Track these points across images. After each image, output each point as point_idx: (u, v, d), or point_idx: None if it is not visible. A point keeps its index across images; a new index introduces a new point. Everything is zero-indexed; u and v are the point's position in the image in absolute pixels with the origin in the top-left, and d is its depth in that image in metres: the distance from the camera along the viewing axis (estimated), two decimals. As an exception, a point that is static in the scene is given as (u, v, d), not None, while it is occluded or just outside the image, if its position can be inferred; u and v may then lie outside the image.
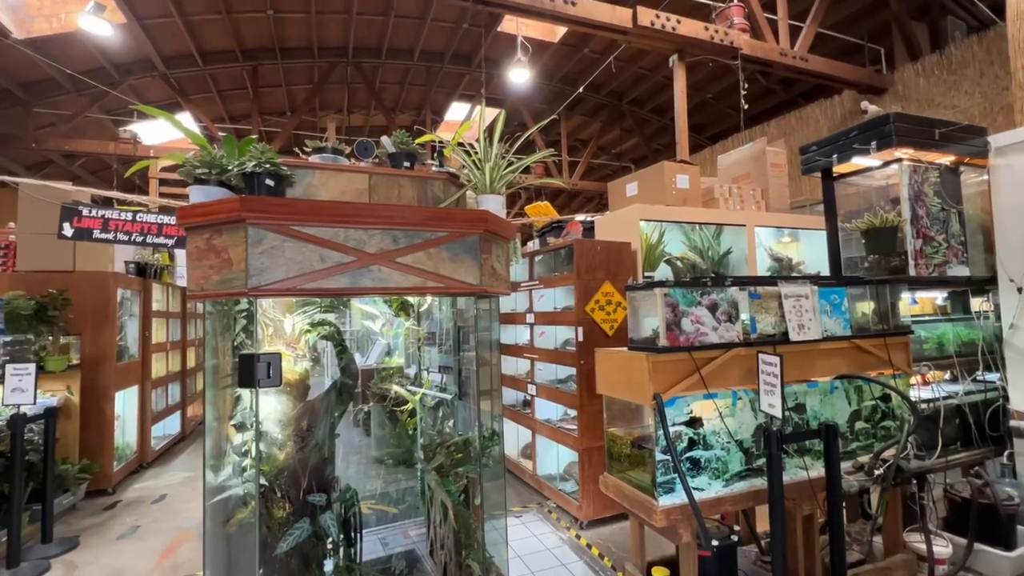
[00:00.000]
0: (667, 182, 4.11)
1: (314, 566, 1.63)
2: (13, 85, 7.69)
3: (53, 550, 3.55)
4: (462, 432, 2.00)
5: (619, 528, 3.61)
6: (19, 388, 3.31)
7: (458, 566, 1.63)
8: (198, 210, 1.34)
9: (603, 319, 3.76)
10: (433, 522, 2.28)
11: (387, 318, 1.86)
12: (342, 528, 1.65)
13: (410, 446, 2.37)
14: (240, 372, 1.33)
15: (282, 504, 1.63)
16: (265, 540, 1.56)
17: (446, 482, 1.72)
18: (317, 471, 1.65)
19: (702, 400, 2.47)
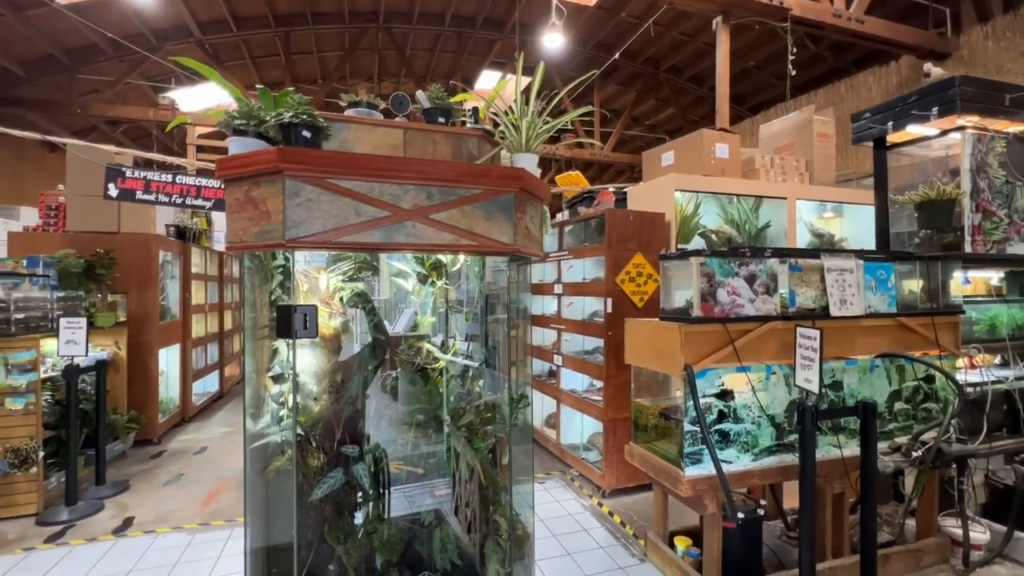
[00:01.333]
0: (706, 151, 3.95)
1: (347, 514, 1.69)
2: (58, 51, 7.90)
3: (106, 491, 3.80)
4: (480, 411, 2.00)
5: (641, 498, 3.63)
6: (72, 340, 3.49)
7: (485, 521, 1.66)
8: (237, 161, 1.35)
9: (633, 291, 3.70)
10: (459, 482, 2.33)
11: (417, 279, 1.86)
12: (373, 480, 1.70)
13: (440, 405, 2.41)
14: (278, 323, 1.35)
15: (317, 454, 1.68)
16: (300, 487, 1.62)
17: (475, 439, 1.74)
18: (350, 424, 1.69)
19: (734, 373, 2.42)
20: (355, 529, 1.65)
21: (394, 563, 1.64)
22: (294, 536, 1.43)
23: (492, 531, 1.63)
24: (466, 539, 1.96)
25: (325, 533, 1.67)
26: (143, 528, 3.29)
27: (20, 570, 2.78)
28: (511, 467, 1.62)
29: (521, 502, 1.85)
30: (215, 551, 2.96)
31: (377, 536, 1.62)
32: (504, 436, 1.86)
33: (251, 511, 1.67)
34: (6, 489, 3.38)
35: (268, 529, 1.74)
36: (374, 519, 1.65)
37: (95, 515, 3.48)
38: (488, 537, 1.61)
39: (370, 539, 1.65)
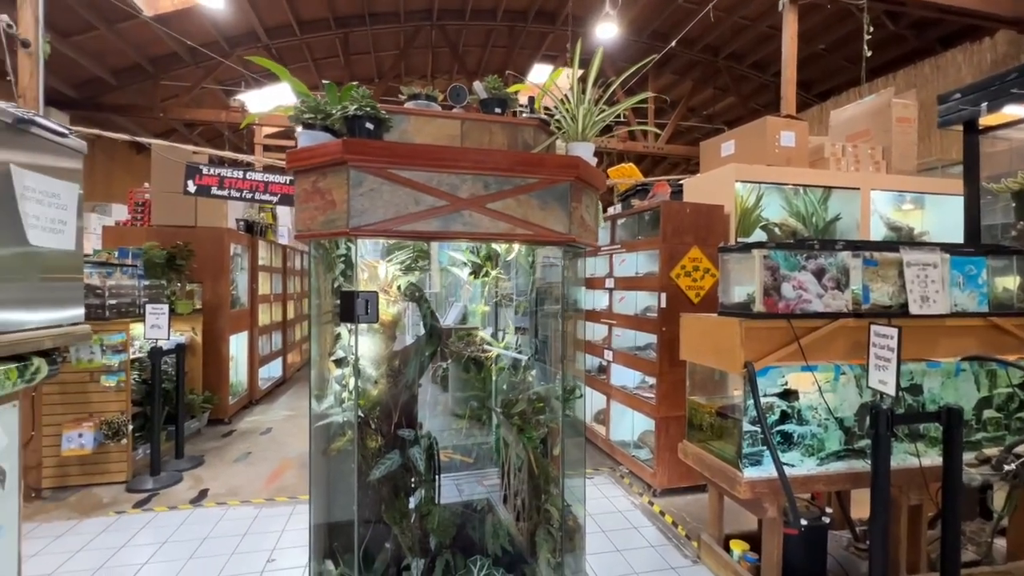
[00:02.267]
0: (770, 139, 3.75)
1: (402, 495, 1.75)
2: (144, 60, 8.59)
3: (184, 465, 4.13)
4: (532, 400, 2.00)
5: (694, 499, 3.53)
6: (156, 325, 3.81)
7: (536, 510, 1.67)
8: (304, 154, 1.41)
9: (689, 286, 3.58)
10: (508, 472, 2.36)
11: (472, 269, 1.88)
12: (427, 465, 1.74)
13: (489, 396, 2.45)
14: (341, 308, 1.42)
15: (375, 436, 1.74)
16: (359, 467, 1.69)
17: (527, 428, 1.75)
18: (406, 408, 1.75)
19: (799, 372, 2.29)
20: (410, 510, 1.70)
21: (447, 545, 1.68)
22: (355, 513, 1.50)
23: (543, 520, 1.63)
24: (515, 528, 1.98)
25: (382, 512, 1.73)
26: (216, 500, 3.54)
27: (113, 530, 3.07)
28: (563, 458, 1.62)
29: (571, 495, 1.84)
30: (279, 525, 3.15)
31: (431, 518, 1.66)
32: (556, 427, 1.86)
33: (315, 488, 1.76)
34: (101, 458, 3.74)
35: (329, 506, 1.82)
36: (428, 501, 1.70)
37: (175, 486, 3.78)
38: (539, 526, 1.62)
39: (424, 521, 1.70)
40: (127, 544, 2.91)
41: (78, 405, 3.71)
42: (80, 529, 3.10)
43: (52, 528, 3.11)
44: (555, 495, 1.66)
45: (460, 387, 2.44)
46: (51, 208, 1.59)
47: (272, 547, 2.89)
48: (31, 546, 2.88)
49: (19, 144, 1.47)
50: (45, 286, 1.58)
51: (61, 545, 2.90)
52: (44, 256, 1.56)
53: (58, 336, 1.62)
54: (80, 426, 3.62)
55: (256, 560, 2.75)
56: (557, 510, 1.60)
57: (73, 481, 3.71)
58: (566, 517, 1.63)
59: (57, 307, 1.64)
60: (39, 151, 1.55)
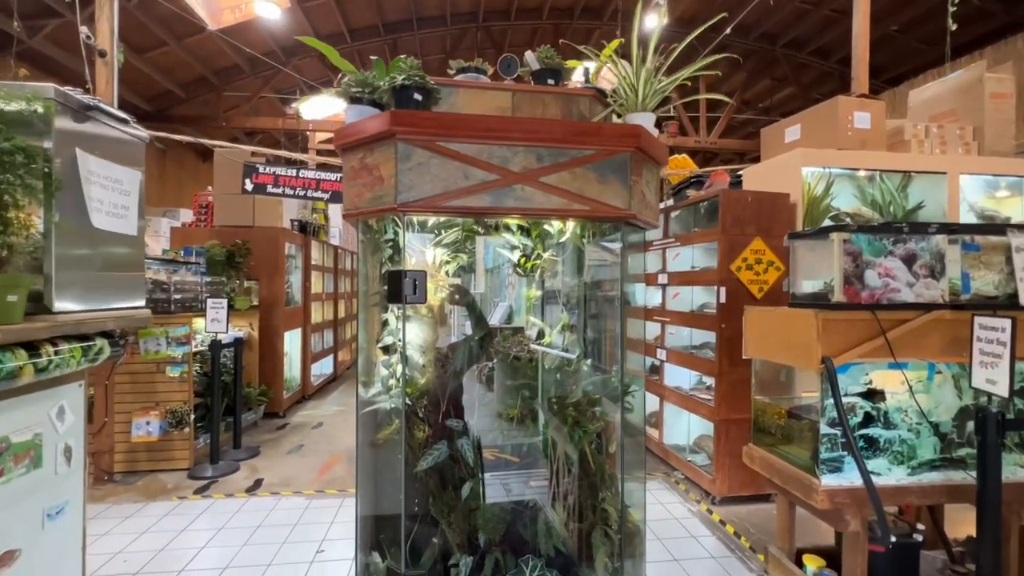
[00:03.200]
0: (841, 121, 3.46)
1: (450, 488, 1.67)
2: (208, 72, 9.12)
3: (241, 455, 4.27)
4: (587, 392, 1.89)
5: (757, 509, 3.28)
6: (216, 319, 3.96)
7: (592, 510, 1.56)
8: (351, 130, 1.37)
9: (751, 279, 3.34)
10: (556, 473, 2.25)
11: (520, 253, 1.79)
12: (476, 456, 1.66)
13: (534, 396, 2.35)
14: (388, 288, 1.36)
15: (422, 426, 1.68)
16: (406, 458, 1.63)
17: (583, 421, 1.63)
18: (454, 397, 1.68)
19: (885, 370, 2.06)
20: (458, 504, 1.63)
21: (496, 543, 1.59)
22: (401, 504, 1.43)
23: (600, 520, 1.51)
24: (564, 531, 1.87)
25: (429, 506, 1.66)
26: (270, 489, 3.62)
27: (176, 514, 3.19)
28: (621, 454, 1.49)
29: (629, 498, 1.71)
30: (328, 516, 3.17)
31: (480, 513, 1.58)
32: (612, 422, 1.74)
33: (362, 479, 1.71)
34: (166, 446, 3.92)
35: (376, 497, 1.78)
36: (476, 496, 1.62)
37: (232, 474, 3.91)
38: (595, 527, 1.50)
39: (472, 516, 1.62)
40: (187, 528, 3.01)
41: (146, 395, 3.90)
42: (146, 512, 3.24)
43: (122, 510, 3.27)
44: (613, 494, 1.54)
45: (505, 387, 2.35)
46: (114, 193, 1.63)
47: (321, 538, 2.91)
48: (102, 525, 3.03)
49: (84, 130, 1.51)
50: (108, 269, 1.61)
51: (129, 526, 3.03)
52: (107, 240, 1.60)
53: (119, 319, 1.66)
54: (148, 414, 3.80)
55: (306, 550, 2.77)
56: (615, 510, 1.48)
57: (142, 466, 3.91)
58: (624, 517, 1.51)
59: (119, 291, 1.68)
60: (103, 138, 1.59)
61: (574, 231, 1.61)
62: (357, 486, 1.63)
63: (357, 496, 1.63)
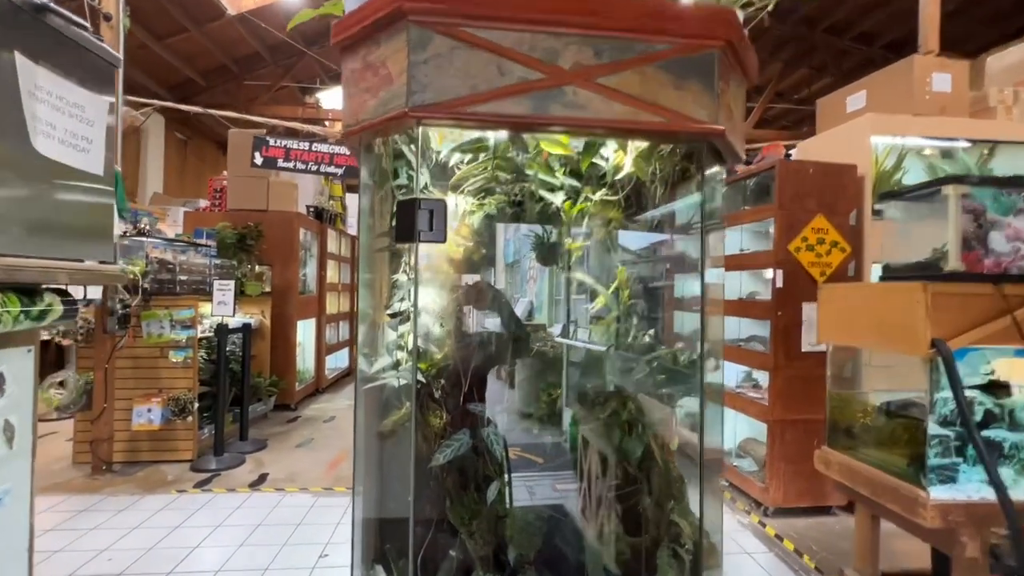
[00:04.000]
0: (917, 83, 3.03)
1: (472, 489, 1.34)
2: (229, 60, 9.03)
3: (248, 447, 4.02)
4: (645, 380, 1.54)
5: (817, 523, 2.87)
6: (223, 302, 3.72)
7: (656, 523, 1.21)
8: (352, 19, 1.06)
9: (812, 262, 2.94)
10: (588, 477, 1.91)
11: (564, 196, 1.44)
12: (504, 451, 1.33)
13: (558, 396, 2.03)
14: (398, 224, 1.05)
15: (438, 411, 1.36)
16: (418, 449, 1.31)
17: (639, 417, 1.29)
18: (478, 376, 1.35)
19: (1012, 357, 1.66)
20: (483, 509, 1.30)
21: (529, 560, 1.26)
22: (410, 507, 1.11)
23: (667, 536, 1.17)
24: (595, 542, 1.53)
25: (447, 510, 1.34)
26: (275, 485, 3.35)
27: (171, 509, 2.94)
28: (701, 449, 1.15)
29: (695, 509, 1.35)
30: (335, 516, 2.87)
31: (510, 522, 1.25)
32: (668, 419, 1.39)
33: (363, 473, 1.40)
34: (169, 435, 3.68)
35: (381, 498, 1.45)
36: (505, 499, 1.29)
37: (237, 468, 3.65)
38: (661, 545, 1.16)
39: (500, 524, 1.29)
40: (182, 525, 2.75)
41: (148, 380, 3.68)
42: (141, 505, 2.99)
43: (116, 502, 3.03)
44: (683, 502, 1.19)
45: (528, 385, 2.03)
46: (72, 120, 1.35)
47: (326, 540, 2.61)
48: (92, 519, 2.79)
49: (31, 34, 1.23)
50: (61, 210, 1.33)
51: (120, 520, 2.79)
52: (61, 175, 1.31)
53: (77, 272, 1.37)
54: (149, 401, 3.57)
55: (308, 554, 2.47)
56: (690, 526, 1.14)
57: (143, 457, 3.69)
58: (697, 530, 1.15)
59: (78, 239, 1.39)
60: (60, 50, 1.31)
61: (636, 161, 1.27)
62: (354, 482, 1.31)
63: (354, 495, 1.31)
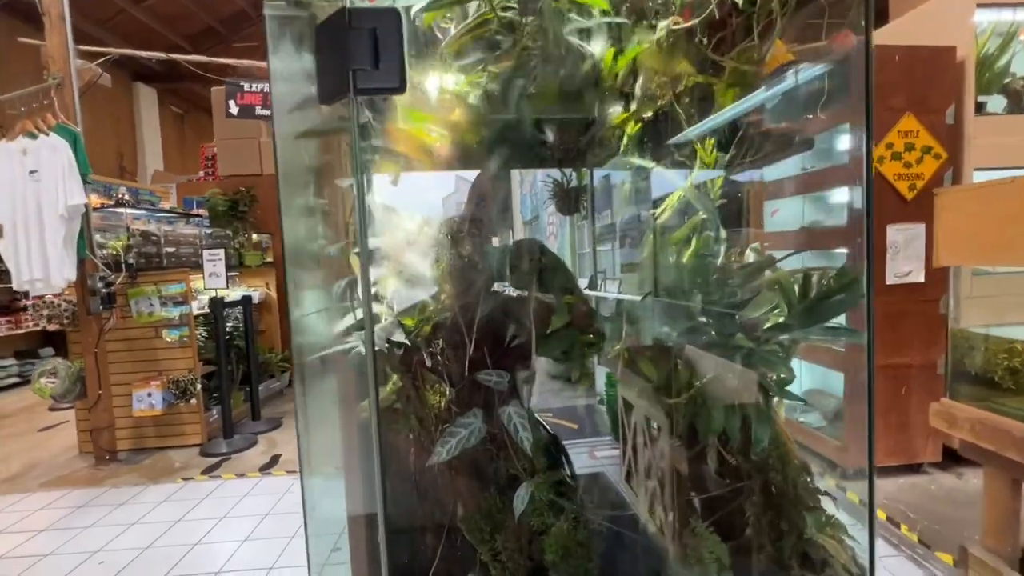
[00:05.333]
0: (1037, -70, 2.36)
1: (494, 492, 0.94)
2: (215, 21, 8.45)
3: (260, 427, 3.77)
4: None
5: (909, 484, 2.45)
6: (214, 273, 3.36)
7: (772, 537, 0.79)
8: None
9: (898, 173, 2.39)
10: (634, 447, 1.51)
11: (605, 41, 0.97)
12: (537, 440, 0.91)
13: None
14: (320, 69, 0.59)
15: (437, 384, 0.94)
16: (408, 443, 0.90)
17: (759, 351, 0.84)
18: (491, 332, 0.92)
19: None
20: (508, 520, 0.90)
21: None
22: (380, 521, 0.71)
23: (794, 556, 0.75)
24: (643, 511, 1.14)
25: (459, 522, 0.95)
26: (287, 467, 3.08)
27: (175, 500, 2.69)
28: (871, 413, 0.71)
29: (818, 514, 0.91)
30: (350, 502, 2.57)
31: (551, 542, 0.85)
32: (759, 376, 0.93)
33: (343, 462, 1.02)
34: (174, 419, 3.44)
35: (372, 501, 1.06)
36: (545, 506, 0.89)
37: (248, 449, 3.40)
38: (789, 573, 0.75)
39: (534, 542, 0.90)
40: (184, 518, 2.49)
41: (146, 363, 3.41)
42: (142, 497, 2.75)
43: (117, 495, 2.79)
44: (816, 510, 0.76)
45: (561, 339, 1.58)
46: None
47: (340, 531, 2.30)
48: (87, 516, 2.55)
49: None
50: None
51: (118, 516, 2.54)
52: None
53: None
54: (148, 385, 3.31)
55: (319, 548, 2.16)
56: (839, 546, 0.71)
57: (150, 444, 3.46)
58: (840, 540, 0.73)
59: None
60: None
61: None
62: (301, 474, 0.93)
63: (304, 502, 0.94)
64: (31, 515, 2.61)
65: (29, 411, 4.65)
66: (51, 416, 4.37)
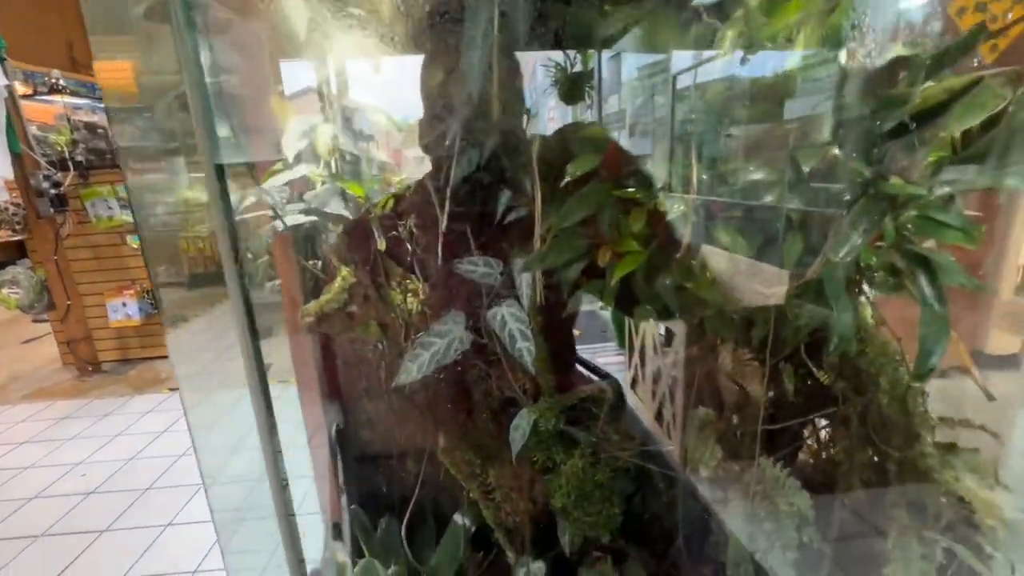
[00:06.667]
0: None
1: (486, 418, 0.71)
2: None
3: (250, 337, 3.62)
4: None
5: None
6: (175, 171, 2.99)
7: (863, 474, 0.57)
8: None
9: (983, 28, 1.93)
10: (637, 351, 1.30)
11: None
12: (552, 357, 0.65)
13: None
14: None
15: (404, 280, 0.67)
16: (376, 355, 0.65)
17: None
18: (476, 193, 0.63)
19: None
20: (505, 455, 0.68)
21: (603, 544, 0.68)
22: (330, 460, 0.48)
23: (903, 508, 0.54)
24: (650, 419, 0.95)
25: (439, 454, 0.73)
26: (279, 376, 2.94)
27: (160, 411, 2.58)
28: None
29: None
30: (342, 411, 2.45)
31: (563, 481, 0.64)
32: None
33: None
34: (155, 330, 3.27)
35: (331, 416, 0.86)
36: (552, 439, 0.66)
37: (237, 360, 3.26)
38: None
39: (536, 483, 0.68)
40: (169, 429, 2.38)
41: (116, 271, 3.16)
42: (127, 408, 2.64)
43: (102, 406, 2.68)
44: (930, 449, 0.53)
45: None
46: None
47: (330, 440, 2.20)
48: (70, 428, 2.44)
49: None
50: None
51: (102, 428, 2.44)
52: None
53: None
54: (121, 295, 3.09)
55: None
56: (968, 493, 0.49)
57: (133, 354, 3.32)
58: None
59: None
60: None
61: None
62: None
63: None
64: (13, 427, 2.51)
65: (13, 323, 4.50)
66: (35, 328, 4.22)
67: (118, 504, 1.85)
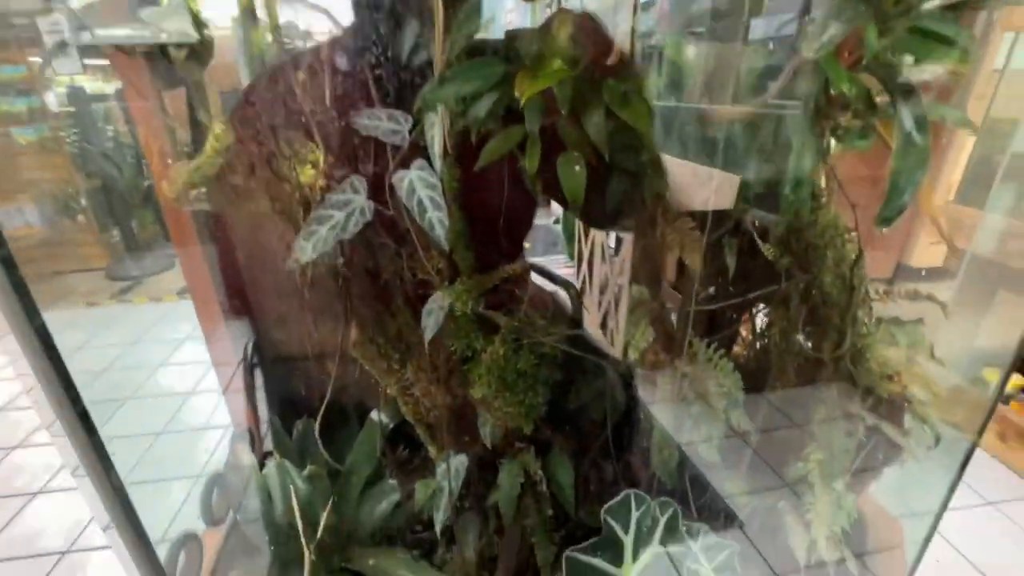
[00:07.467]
0: None
1: (400, 302, 0.63)
2: None
3: (177, 250, 3.34)
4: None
5: None
6: (62, 49, 2.53)
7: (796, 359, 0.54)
8: None
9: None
10: (586, 261, 1.25)
11: None
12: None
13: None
14: None
15: (298, 141, 0.54)
16: (272, 251, 0.54)
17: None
18: (377, 23, 0.50)
19: None
20: (419, 340, 0.61)
21: (526, 434, 0.64)
22: None
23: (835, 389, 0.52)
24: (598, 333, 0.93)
25: (352, 349, 0.65)
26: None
27: (76, 327, 2.38)
28: None
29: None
30: (279, 324, 2.34)
31: (485, 367, 0.57)
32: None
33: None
34: (65, 240, 2.94)
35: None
36: (469, 324, 0.59)
37: (165, 272, 3.02)
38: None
39: (455, 373, 0.62)
40: (87, 345, 2.21)
41: (4, 172, 2.75)
42: (37, 324, 2.41)
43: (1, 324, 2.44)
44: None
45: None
46: None
47: (267, 353, 2.10)
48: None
49: None
50: None
51: (7, 344, 2.22)
52: None
53: None
54: (15, 200, 2.71)
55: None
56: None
57: (42, 267, 3.00)
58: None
59: None
60: None
61: None
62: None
63: None
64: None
65: None
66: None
67: None
